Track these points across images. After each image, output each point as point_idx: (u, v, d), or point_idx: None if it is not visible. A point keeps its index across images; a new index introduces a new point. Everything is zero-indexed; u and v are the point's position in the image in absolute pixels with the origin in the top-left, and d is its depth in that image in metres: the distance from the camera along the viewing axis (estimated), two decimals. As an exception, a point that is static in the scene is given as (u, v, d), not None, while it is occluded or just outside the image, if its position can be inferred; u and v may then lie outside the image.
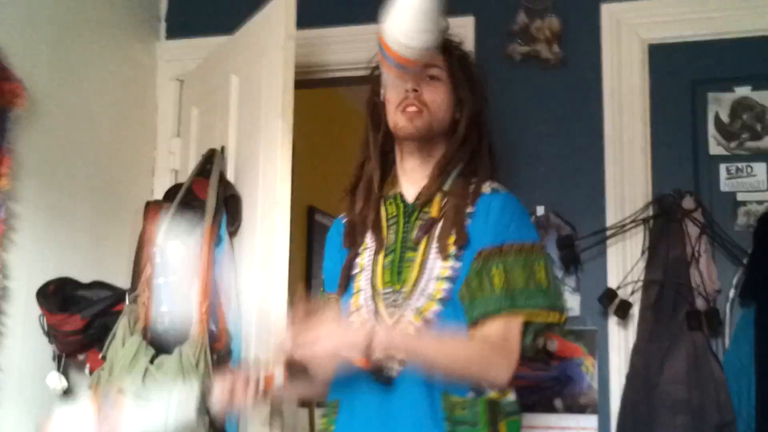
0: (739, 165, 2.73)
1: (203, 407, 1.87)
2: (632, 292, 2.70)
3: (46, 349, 2.65)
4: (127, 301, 2.60)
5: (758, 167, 2.72)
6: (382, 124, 2.00)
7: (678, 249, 2.65)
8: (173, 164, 3.27)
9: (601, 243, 2.77)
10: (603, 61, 2.91)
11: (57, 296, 2.63)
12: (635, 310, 2.69)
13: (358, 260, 1.95)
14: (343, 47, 3.14)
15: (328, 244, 2.10)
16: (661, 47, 2.89)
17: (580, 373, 2.73)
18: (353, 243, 1.98)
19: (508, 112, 2.97)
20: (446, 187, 1.92)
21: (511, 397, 1.85)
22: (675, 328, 2.59)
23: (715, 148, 2.77)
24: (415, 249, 1.87)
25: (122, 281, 2.80)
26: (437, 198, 1.92)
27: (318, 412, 1.97)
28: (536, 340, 1.83)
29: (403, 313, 1.82)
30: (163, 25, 3.43)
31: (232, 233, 2.71)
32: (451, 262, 1.83)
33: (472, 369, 1.76)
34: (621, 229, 2.75)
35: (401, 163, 1.99)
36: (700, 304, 2.60)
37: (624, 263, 2.75)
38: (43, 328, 2.62)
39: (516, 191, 2.79)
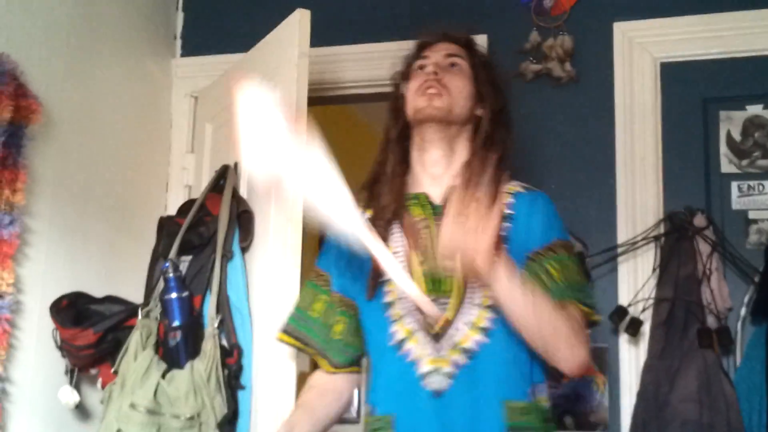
0: (751, 183, 2.73)
1: None
2: (643, 310, 2.69)
3: (58, 363, 2.66)
4: (139, 316, 2.60)
5: (770, 185, 2.72)
6: (401, 117, 1.97)
7: (689, 267, 2.64)
8: (187, 180, 3.29)
9: (613, 260, 2.78)
10: (615, 79, 2.93)
11: (70, 310, 2.64)
12: (646, 328, 2.69)
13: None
14: (355, 65, 3.16)
15: (331, 246, 2.01)
16: (672, 65, 2.90)
17: (591, 390, 2.72)
18: (384, 237, 1.87)
19: (520, 129, 2.95)
20: (476, 193, 1.83)
21: (549, 403, 1.85)
22: (686, 346, 2.59)
23: (726, 165, 2.77)
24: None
25: (135, 296, 2.81)
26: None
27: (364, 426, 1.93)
28: None
29: (452, 324, 1.78)
30: (178, 43, 3.47)
31: (245, 249, 2.72)
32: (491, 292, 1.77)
33: (562, 337, 1.72)
34: (632, 246, 2.75)
35: (421, 156, 1.94)
36: (711, 322, 2.60)
37: (635, 280, 2.75)
38: (56, 342, 2.63)
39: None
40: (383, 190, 1.93)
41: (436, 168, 1.92)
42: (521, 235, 1.84)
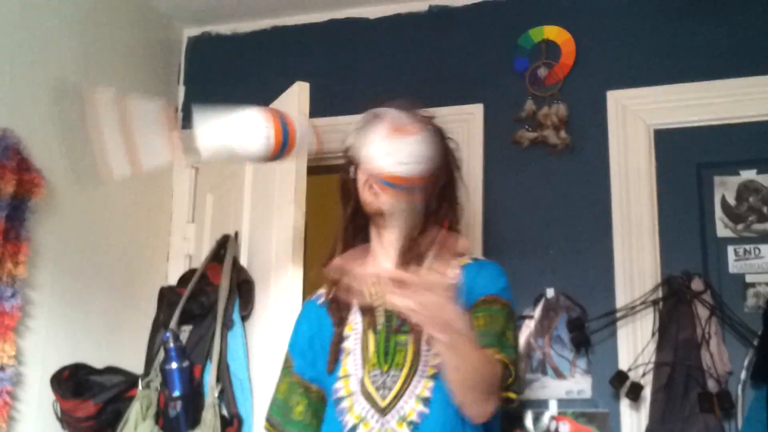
0: (747, 247, 2.75)
1: None
2: (643, 374, 2.69)
3: (58, 433, 2.66)
4: (140, 387, 2.61)
5: (766, 249, 2.73)
6: (352, 200, 2.01)
7: (688, 330, 2.65)
8: (188, 250, 3.31)
9: (612, 324, 2.78)
10: (610, 146, 2.97)
11: (70, 382, 2.64)
12: (647, 392, 2.67)
13: (344, 344, 1.94)
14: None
15: (298, 325, 2.10)
16: (666, 132, 2.94)
17: (593, 456, 2.71)
18: (342, 321, 1.96)
19: (517, 196, 3.02)
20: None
21: None
22: (687, 411, 2.58)
23: (722, 230, 2.79)
24: (402, 332, 1.87)
25: (136, 366, 2.81)
26: None
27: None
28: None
29: (401, 396, 1.82)
30: (179, 116, 3.52)
31: (245, 317, 2.73)
32: (434, 360, 1.82)
33: (483, 386, 1.74)
34: (631, 310, 2.76)
35: (378, 237, 2.00)
36: (711, 385, 2.59)
37: (635, 345, 2.75)
38: (56, 413, 2.63)
39: (525, 273, 2.86)
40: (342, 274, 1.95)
41: (393, 247, 1.94)
42: (467, 302, 1.86)
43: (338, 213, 2.04)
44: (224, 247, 2.89)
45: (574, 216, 2.95)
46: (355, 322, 1.94)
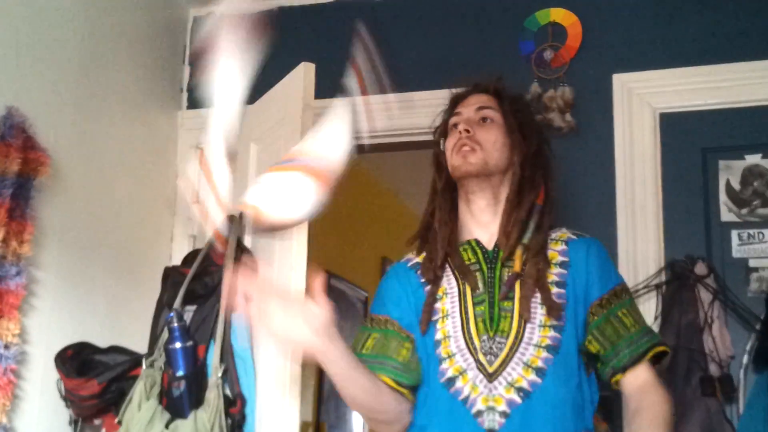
0: (751, 231, 2.75)
1: None
2: (646, 358, 2.70)
3: (62, 414, 2.68)
4: (144, 366, 2.61)
5: (770, 234, 2.74)
6: (444, 171, 2.03)
7: (691, 315, 2.65)
8: (192, 230, 3.32)
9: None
10: (615, 129, 2.97)
11: (74, 361, 2.65)
12: (649, 376, 2.69)
13: (438, 305, 1.91)
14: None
15: (386, 285, 2.03)
16: (671, 116, 2.94)
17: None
18: (437, 280, 1.93)
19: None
20: (526, 241, 1.92)
21: None
22: (689, 394, 2.59)
23: (726, 214, 2.79)
24: (507, 298, 1.86)
25: (140, 346, 2.83)
26: (518, 251, 1.90)
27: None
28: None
29: (508, 362, 1.80)
30: (184, 96, 3.52)
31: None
32: (547, 332, 1.83)
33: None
34: (634, 294, 2.76)
35: (468, 206, 1.99)
36: (713, 369, 2.60)
37: (637, 329, 2.75)
38: (60, 392, 2.64)
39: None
40: (434, 237, 1.98)
41: (484, 216, 1.98)
42: (580, 281, 1.88)
43: (344, 194, 2.04)
44: (228, 227, 2.89)
45: (578, 199, 2.95)
46: (449, 285, 1.92)
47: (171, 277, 2.86)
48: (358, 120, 1.74)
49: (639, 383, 1.84)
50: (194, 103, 3.51)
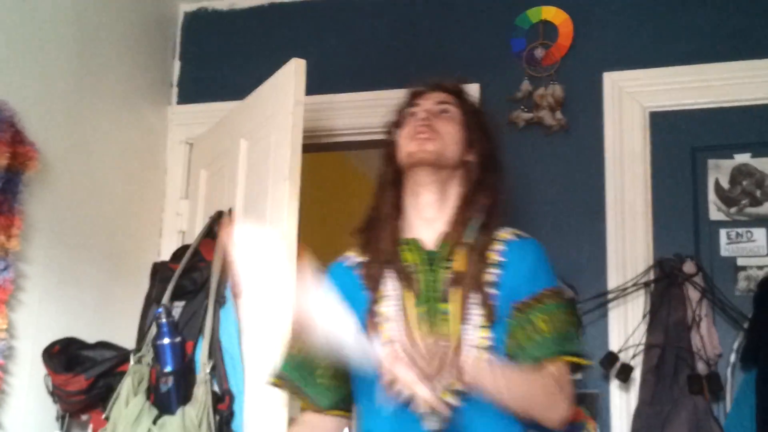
0: (739, 230, 2.76)
1: None
2: (634, 356, 2.70)
3: (50, 409, 2.66)
4: (131, 362, 2.61)
5: (758, 233, 2.75)
6: (394, 163, 1.98)
7: (679, 313, 2.66)
8: (181, 226, 3.31)
9: (603, 306, 2.79)
10: (605, 128, 2.97)
11: (62, 356, 2.65)
12: (637, 374, 2.69)
13: (379, 308, 1.88)
14: (349, 113, 3.21)
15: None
16: (661, 114, 2.95)
17: (582, 438, 2.73)
18: (375, 287, 1.90)
19: (511, 176, 2.98)
20: (469, 239, 1.89)
21: None
22: (676, 392, 2.59)
23: (715, 213, 2.80)
24: (446, 301, 1.83)
25: (128, 341, 2.82)
26: (462, 251, 1.87)
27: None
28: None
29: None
30: (174, 91, 3.51)
31: (237, 295, 2.73)
32: (486, 333, 1.81)
33: (538, 404, 1.76)
34: (623, 292, 2.77)
35: (414, 200, 1.95)
36: (701, 368, 2.60)
37: (625, 326, 2.76)
38: (47, 387, 2.63)
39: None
40: (377, 235, 1.94)
41: (429, 212, 1.93)
42: (511, 282, 1.85)
43: (333, 190, 2.03)
44: (218, 223, 2.89)
45: (567, 197, 2.96)
46: (391, 287, 1.89)
47: (160, 272, 2.86)
48: None
49: (548, 371, 1.80)
50: (184, 98, 3.50)
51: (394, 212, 1.96)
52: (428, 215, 1.94)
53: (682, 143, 2.89)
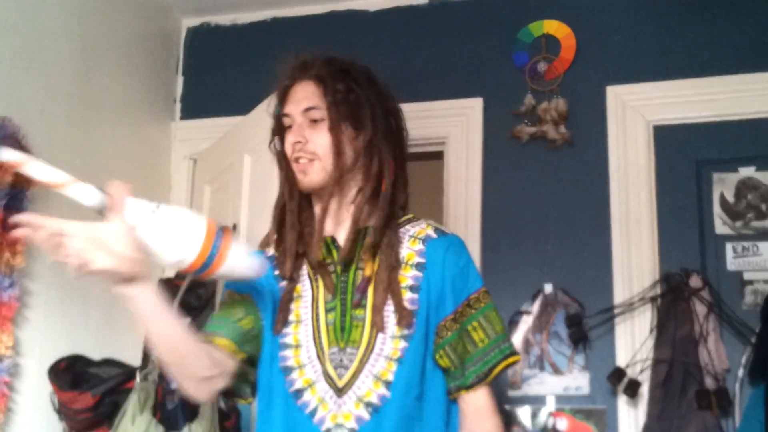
0: (745, 244, 2.76)
1: None
2: (641, 371, 2.70)
3: (56, 427, 2.65)
4: (138, 379, 2.60)
5: (764, 246, 2.74)
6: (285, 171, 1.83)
7: (686, 327, 2.66)
8: (185, 242, 3.30)
9: (609, 321, 2.79)
10: (609, 141, 2.97)
11: (68, 373, 2.63)
12: (644, 389, 2.69)
13: (293, 306, 1.75)
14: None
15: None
16: (665, 128, 2.95)
17: (590, 452, 2.72)
18: (293, 278, 1.75)
19: (515, 190, 3.02)
20: (378, 238, 1.72)
21: None
22: (684, 408, 2.59)
23: (721, 227, 2.80)
24: (360, 306, 1.70)
25: (134, 358, 2.81)
26: (367, 255, 1.72)
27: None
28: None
29: (357, 375, 1.68)
30: (178, 106, 3.52)
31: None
32: (400, 344, 1.68)
33: None
34: (629, 307, 2.77)
35: (322, 205, 1.76)
36: (709, 383, 2.60)
37: (632, 341, 2.76)
38: (53, 405, 2.62)
39: (523, 268, 2.87)
40: (290, 234, 1.77)
41: (340, 214, 1.77)
42: (436, 286, 1.72)
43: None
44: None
45: (572, 211, 2.96)
46: (303, 287, 1.75)
47: (165, 289, 2.84)
48: None
49: (477, 406, 1.72)
50: (188, 113, 3.50)
51: (300, 218, 1.78)
52: (340, 217, 1.77)
53: (687, 157, 2.90)
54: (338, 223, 1.77)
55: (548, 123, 3.00)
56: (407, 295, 1.70)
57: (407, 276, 1.72)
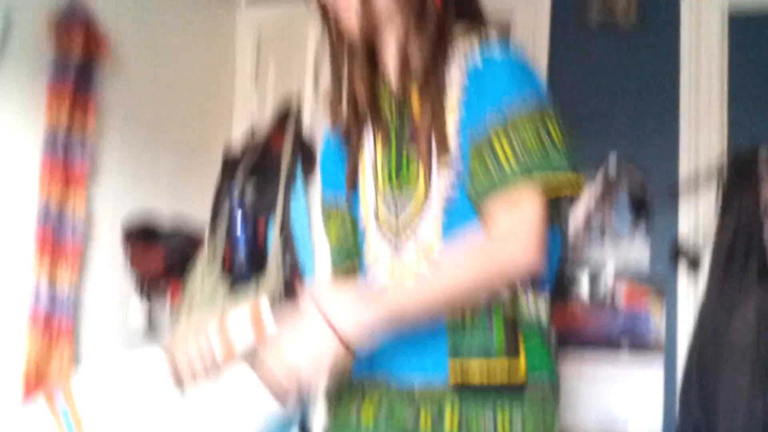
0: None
1: None
2: (703, 243, 2.68)
3: (128, 284, 2.75)
4: (206, 236, 2.66)
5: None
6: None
7: (751, 201, 2.61)
8: (251, 111, 3.33)
9: (674, 195, 2.76)
10: (681, 27, 2.89)
11: (140, 232, 2.71)
12: (705, 262, 2.67)
13: (359, 154, 1.56)
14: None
15: (323, 156, 1.68)
16: (741, 17, 2.84)
17: (648, 322, 2.73)
18: (359, 130, 1.55)
19: (584, 74, 2.96)
20: (418, 78, 1.46)
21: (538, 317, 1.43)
22: (745, 281, 2.56)
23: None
24: (410, 153, 1.48)
25: (203, 218, 2.86)
26: (414, 94, 1.48)
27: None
28: (559, 208, 1.44)
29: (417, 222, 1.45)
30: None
31: (307, 178, 2.77)
32: (445, 179, 1.44)
33: (486, 281, 1.35)
34: (694, 179, 2.72)
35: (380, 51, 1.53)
36: (772, 256, 2.57)
37: (696, 214, 2.74)
38: (126, 262, 2.71)
39: (589, 139, 2.80)
40: (344, 85, 1.54)
41: (390, 56, 1.52)
42: (474, 108, 1.42)
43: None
44: (287, 113, 2.91)
45: (640, 88, 2.90)
46: (367, 137, 1.55)
47: (231, 155, 2.90)
48: None
49: (492, 220, 1.36)
50: (253, 1, 3.48)
51: (364, 72, 1.52)
52: (393, 61, 1.51)
53: (762, 44, 2.80)
54: (393, 68, 1.53)
55: (618, 7, 2.92)
56: (451, 125, 1.44)
57: (451, 100, 1.45)
